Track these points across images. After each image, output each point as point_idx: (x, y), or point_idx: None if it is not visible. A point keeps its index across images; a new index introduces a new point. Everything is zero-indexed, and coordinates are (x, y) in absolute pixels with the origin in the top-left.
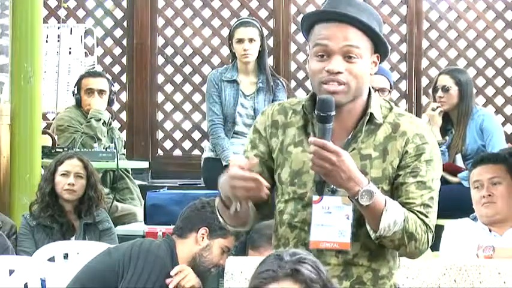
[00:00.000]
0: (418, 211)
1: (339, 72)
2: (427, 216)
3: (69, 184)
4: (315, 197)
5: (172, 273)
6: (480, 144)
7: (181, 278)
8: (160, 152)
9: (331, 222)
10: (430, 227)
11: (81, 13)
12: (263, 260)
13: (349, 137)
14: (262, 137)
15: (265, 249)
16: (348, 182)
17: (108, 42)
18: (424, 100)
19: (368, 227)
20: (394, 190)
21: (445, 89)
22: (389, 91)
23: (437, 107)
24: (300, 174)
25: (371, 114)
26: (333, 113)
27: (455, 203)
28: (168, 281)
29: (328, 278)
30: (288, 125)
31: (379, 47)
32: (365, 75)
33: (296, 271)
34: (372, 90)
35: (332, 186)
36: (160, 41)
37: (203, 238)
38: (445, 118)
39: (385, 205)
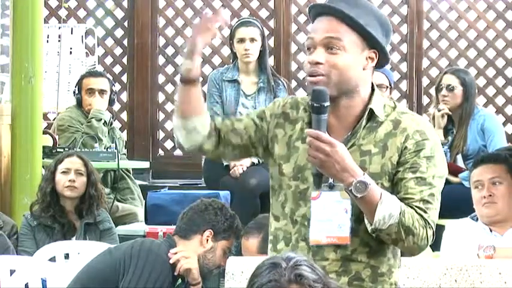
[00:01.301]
0: (416, 206)
1: (318, 63)
2: (425, 212)
3: (70, 181)
4: (314, 194)
5: (172, 251)
6: (481, 145)
7: (183, 256)
8: (161, 152)
9: (330, 217)
10: (429, 223)
11: (81, 13)
12: (257, 272)
13: (349, 133)
14: (265, 118)
15: (252, 238)
16: (342, 172)
17: (109, 42)
18: (425, 100)
19: (366, 220)
20: (394, 186)
21: (450, 89)
22: (388, 87)
23: (442, 109)
24: (304, 170)
25: (372, 111)
26: (327, 103)
27: (455, 203)
28: (170, 254)
29: (323, 273)
30: (297, 120)
31: (375, 44)
32: (350, 68)
33: (299, 276)
34: (376, 88)
35: (330, 182)
36: (161, 41)
37: (208, 240)
38: (446, 118)
39: (380, 197)
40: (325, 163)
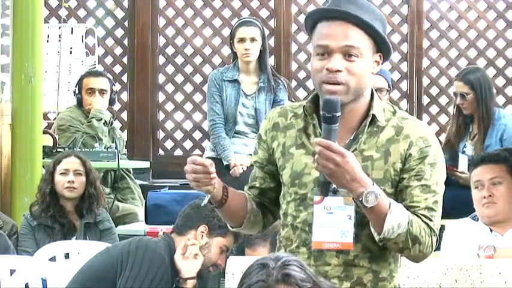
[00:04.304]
0: (422, 214)
1: (338, 71)
2: (431, 220)
3: (69, 182)
4: (316, 198)
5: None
6: None
7: (193, 244)
8: (161, 151)
9: (333, 223)
10: (434, 231)
11: (82, 13)
12: (247, 272)
13: (351, 137)
14: (262, 141)
15: (259, 247)
16: (353, 183)
17: (109, 42)
18: (425, 100)
19: (372, 229)
20: (399, 193)
21: (462, 96)
22: (388, 90)
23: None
24: (301, 176)
25: (373, 116)
26: (338, 113)
27: (455, 203)
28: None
29: (314, 274)
30: (288, 126)
31: (382, 47)
32: (365, 74)
33: (286, 275)
34: (375, 92)
35: (333, 187)
36: (161, 41)
37: (202, 236)
38: (466, 120)
39: (389, 207)
40: (335, 173)
